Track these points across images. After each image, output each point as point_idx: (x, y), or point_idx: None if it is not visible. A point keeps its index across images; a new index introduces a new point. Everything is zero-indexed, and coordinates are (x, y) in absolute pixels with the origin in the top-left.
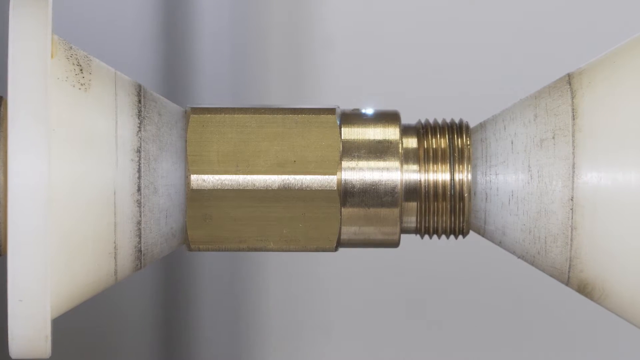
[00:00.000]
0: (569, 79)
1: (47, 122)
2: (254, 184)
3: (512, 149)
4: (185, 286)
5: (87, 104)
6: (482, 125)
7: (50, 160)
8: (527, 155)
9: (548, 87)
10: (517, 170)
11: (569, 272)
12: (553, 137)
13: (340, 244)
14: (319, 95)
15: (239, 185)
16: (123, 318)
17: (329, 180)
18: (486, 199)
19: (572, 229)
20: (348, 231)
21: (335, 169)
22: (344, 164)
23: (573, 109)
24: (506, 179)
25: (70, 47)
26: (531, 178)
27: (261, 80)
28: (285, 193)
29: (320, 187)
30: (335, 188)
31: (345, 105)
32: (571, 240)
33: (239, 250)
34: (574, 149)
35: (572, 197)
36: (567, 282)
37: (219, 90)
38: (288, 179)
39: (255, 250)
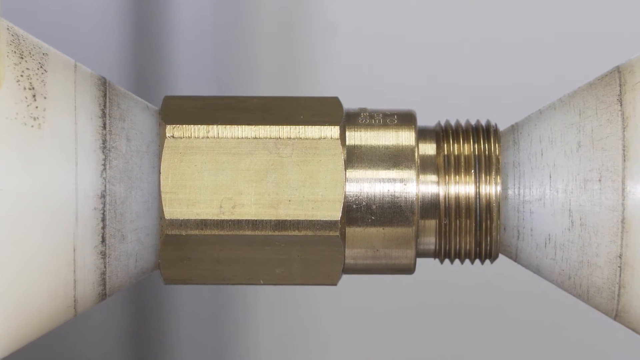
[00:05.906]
0: (619, 95)
1: None
2: (241, 227)
3: (548, 175)
4: (159, 318)
5: (40, 146)
6: (513, 128)
7: None
8: (568, 197)
9: (595, 98)
10: (556, 212)
11: (614, 318)
12: (599, 180)
13: (343, 271)
14: (318, 91)
15: (223, 228)
16: (84, 358)
17: (330, 224)
18: (518, 236)
19: (619, 287)
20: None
21: (338, 210)
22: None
23: (624, 145)
24: (542, 218)
25: (22, 57)
26: (572, 225)
27: (250, 74)
28: (278, 238)
29: (320, 231)
30: (338, 233)
31: (350, 103)
32: (618, 296)
33: (222, 284)
34: (624, 200)
35: (620, 255)
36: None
37: (201, 86)
38: (282, 221)
39: (242, 284)
